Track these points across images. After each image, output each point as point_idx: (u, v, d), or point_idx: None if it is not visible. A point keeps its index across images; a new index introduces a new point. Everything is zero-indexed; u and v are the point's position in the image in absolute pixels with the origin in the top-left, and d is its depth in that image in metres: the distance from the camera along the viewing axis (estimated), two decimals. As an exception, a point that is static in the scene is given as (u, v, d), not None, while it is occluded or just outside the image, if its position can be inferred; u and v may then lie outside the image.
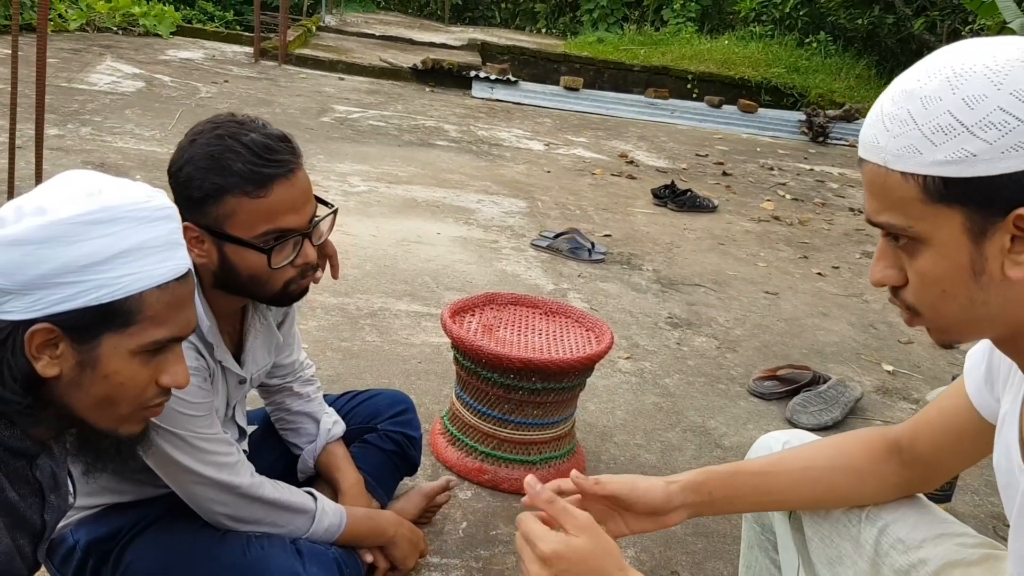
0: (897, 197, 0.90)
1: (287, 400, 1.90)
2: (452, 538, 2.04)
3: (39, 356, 1.01)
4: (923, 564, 1.25)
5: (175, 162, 1.44)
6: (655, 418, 2.76)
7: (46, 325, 1.00)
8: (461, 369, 2.29)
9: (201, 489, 1.52)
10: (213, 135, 1.41)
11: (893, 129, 0.89)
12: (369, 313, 3.21)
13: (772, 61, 10.77)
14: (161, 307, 1.06)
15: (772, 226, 5.31)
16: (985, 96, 0.84)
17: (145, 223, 1.05)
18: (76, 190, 1.03)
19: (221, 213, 1.40)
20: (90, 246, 1.00)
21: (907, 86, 0.89)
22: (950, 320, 0.95)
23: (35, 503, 1.13)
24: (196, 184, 1.39)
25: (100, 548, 1.58)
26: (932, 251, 0.91)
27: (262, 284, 1.47)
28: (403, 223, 4.30)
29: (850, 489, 1.33)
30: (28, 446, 1.07)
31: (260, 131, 1.43)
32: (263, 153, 1.40)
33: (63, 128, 5.07)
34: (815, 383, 3.02)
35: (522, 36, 13.10)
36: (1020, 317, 0.91)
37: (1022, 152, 0.82)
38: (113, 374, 1.05)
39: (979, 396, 1.17)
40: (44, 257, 0.98)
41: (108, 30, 8.70)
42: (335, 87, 7.87)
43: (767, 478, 1.33)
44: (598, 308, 3.58)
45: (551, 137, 7.10)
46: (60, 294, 1.00)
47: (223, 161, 1.38)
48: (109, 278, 1.01)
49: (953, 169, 0.85)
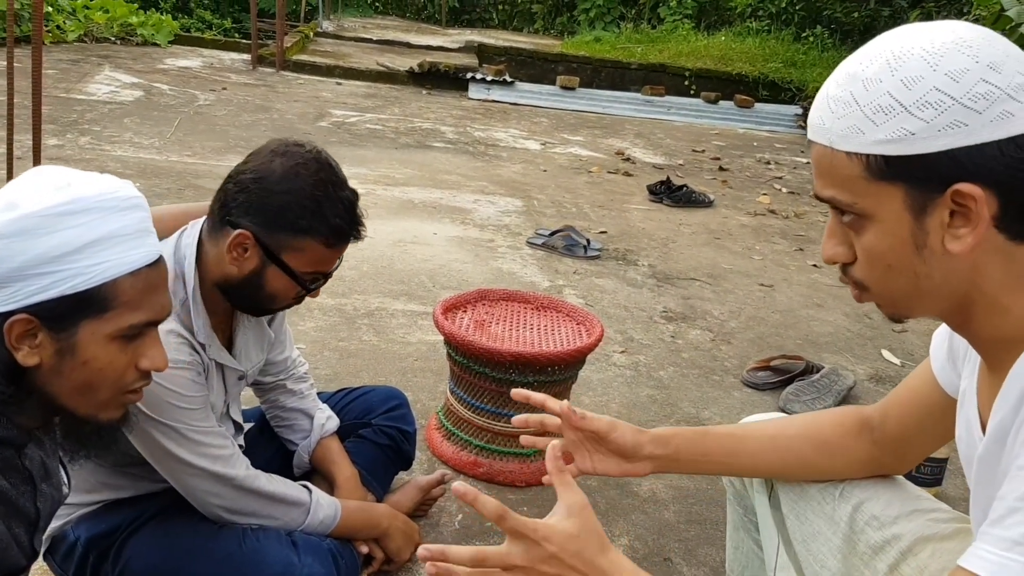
0: (843, 175, 0.94)
1: (281, 397, 1.94)
2: (447, 530, 2.08)
3: (19, 346, 1.05)
4: (897, 539, 1.28)
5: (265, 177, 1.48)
6: (649, 410, 2.79)
7: (24, 316, 1.04)
8: (454, 365, 2.33)
9: (197, 481, 1.55)
10: (317, 177, 1.49)
11: (837, 111, 0.92)
12: (366, 313, 3.25)
13: (769, 56, 10.79)
14: (135, 293, 1.10)
15: (768, 220, 5.34)
16: (922, 77, 0.87)
17: (115, 212, 1.08)
18: (46, 184, 1.07)
19: (292, 244, 1.48)
20: (62, 237, 1.04)
21: (850, 69, 0.93)
22: (897, 294, 0.98)
23: (27, 491, 1.16)
24: (290, 215, 1.46)
25: (100, 544, 1.62)
26: (876, 227, 0.94)
27: (271, 301, 1.56)
28: (400, 224, 4.34)
29: (818, 460, 1.36)
30: (14, 435, 1.11)
31: (348, 188, 1.55)
32: (354, 216, 1.54)
33: (62, 138, 5.12)
34: (808, 372, 3.05)
35: (519, 37, 13.14)
36: (961, 289, 0.94)
37: (958, 130, 0.86)
38: (92, 360, 1.09)
39: (943, 373, 1.20)
40: (18, 250, 1.02)
41: (106, 40, 8.76)
42: (332, 92, 7.92)
43: (735, 441, 1.37)
44: (593, 304, 3.61)
45: (547, 136, 7.14)
46: (36, 285, 1.03)
47: (324, 209, 1.48)
48: (83, 267, 1.05)
49: (893, 148, 0.89)
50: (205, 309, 1.55)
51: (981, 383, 1.07)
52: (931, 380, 1.23)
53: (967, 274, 0.93)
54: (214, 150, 5.34)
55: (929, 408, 1.24)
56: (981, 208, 0.88)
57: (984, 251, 0.91)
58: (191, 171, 4.77)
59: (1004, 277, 0.93)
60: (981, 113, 0.86)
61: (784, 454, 1.36)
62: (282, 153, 1.49)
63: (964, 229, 0.90)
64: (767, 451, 1.37)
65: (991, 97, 0.85)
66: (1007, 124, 0.86)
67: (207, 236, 1.53)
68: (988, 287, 0.94)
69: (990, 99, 0.85)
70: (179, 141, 5.47)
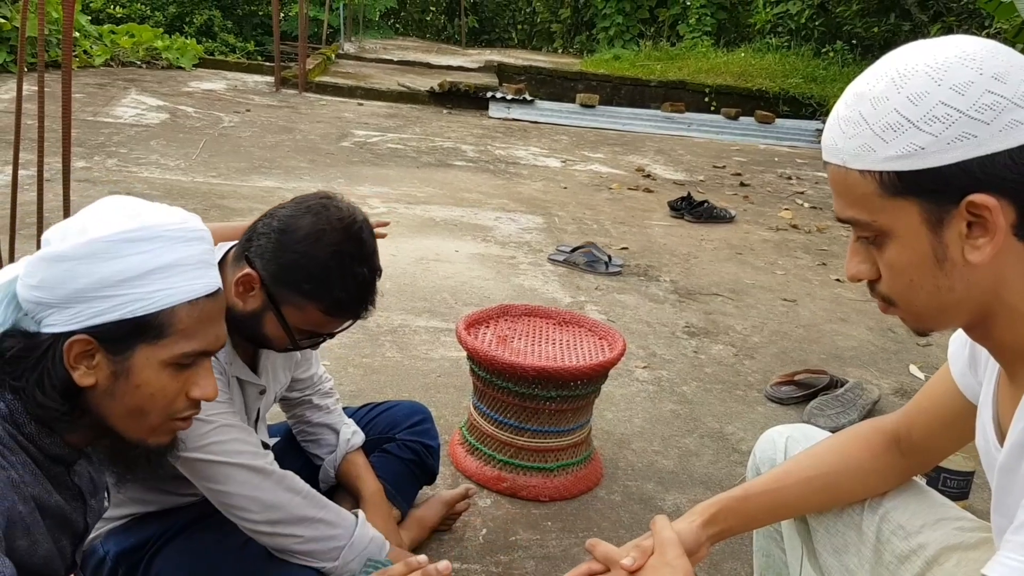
0: (858, 194, 0.95)
1: (307, 412, 1.96)
2: (472, 544, 2.09)
3: (76, 366, 1.08)
4: (922, 549, 1.28)
5: (288, 230, 1.48)
6: (672, 425, 2.79)
7: (84, 336, 1.07)
8: (477, 380, 2.34)
9: (235, 485, 1.51)
10: (335, 248, 1.48)
11: (848, 131, 0.94)
12: (389, 330, 3.27)
13: (789, 72, 10.80)
14: (192, 322, 1.12)
15: (790, 234, 5.32)
16: (927, 93, 0.88)
17: (180, 242, 1.11)
18: (116, 212, 1.10)
19: (292, 302, 1.50)
20: (126, 262, 1.07)
21: (858, 89, 0.94)
22: (921, 308, 0.99)
23: (78, 507, 1.19)
24: (297, 275, 1.47)
25: (129, 559, 1.63)
26: (896, 243, 0.95)
27: (268, 344, 1.58)
28: (422, 242, 4.37)
29: (855, 488, 1.37)
30: (66, 453, 1.14)
31: (370, 264, 1.53)
32: (363, 295, 1.53)
33: (90, 160, 5.20)
34: (832, 387, 3.04)
35: (539, 56, 13.22)
36: (984, 300, 0.95)
37: (967, 142, 0.87)
38: (145, 384, 1.11)
39: (964, 379, 1.20)
40: (83, 272, 1.05)
41: (132, 64, 8.91)
42: (354, 112, 8.00)
43: (777, 495, 1.37)
44: (615, 319, 3.62)
45: (568, 154, 7.17)
46: (97, 307, 1.06)
47: (331, 284, 1.48)
48: (143, 293, 1.08)
49: (905, 163, 0.90)
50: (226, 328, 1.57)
51: (1001, 392, 1.07)
52: (952, 387, 1.23)
53: (989, 284, 0.94)
54: (238, 171, 5.40)
55: (952, 415, 1.25)
56: (997, 217, 0.89)
57: (1005, 260, 0.92)
58: (216, 192, 4.83)
59: None
60: (989, 124, 0.86)
61: (823, 493, 1.37)
62: (316, 212, 1.50)
63: (983, 239, 0.91)
64: (807, 495, 1.37)
65: (998, 107, 0.86)
66: (1016, 133, 0.87)
67: (231, 260, 1.56)
68: (1010, 297, 0.94)
69: (997, 109, 0.86)
70: (204, 162, 5.54)
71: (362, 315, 1.55)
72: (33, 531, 1.07)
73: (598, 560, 1.25)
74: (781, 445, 1.48)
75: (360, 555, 1.58)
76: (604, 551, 1.25)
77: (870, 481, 1.36)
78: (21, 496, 1.04)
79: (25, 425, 1.08)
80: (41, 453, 1.11)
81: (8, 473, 1.03)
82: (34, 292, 1.07)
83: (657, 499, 2.35)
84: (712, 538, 1.34)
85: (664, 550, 1.22)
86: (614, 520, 2.23)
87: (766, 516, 1.40)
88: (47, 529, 1.12)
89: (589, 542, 1.28)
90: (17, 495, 1.03)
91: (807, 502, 1.38)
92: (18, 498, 1.03)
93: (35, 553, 1.07)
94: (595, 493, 2.36)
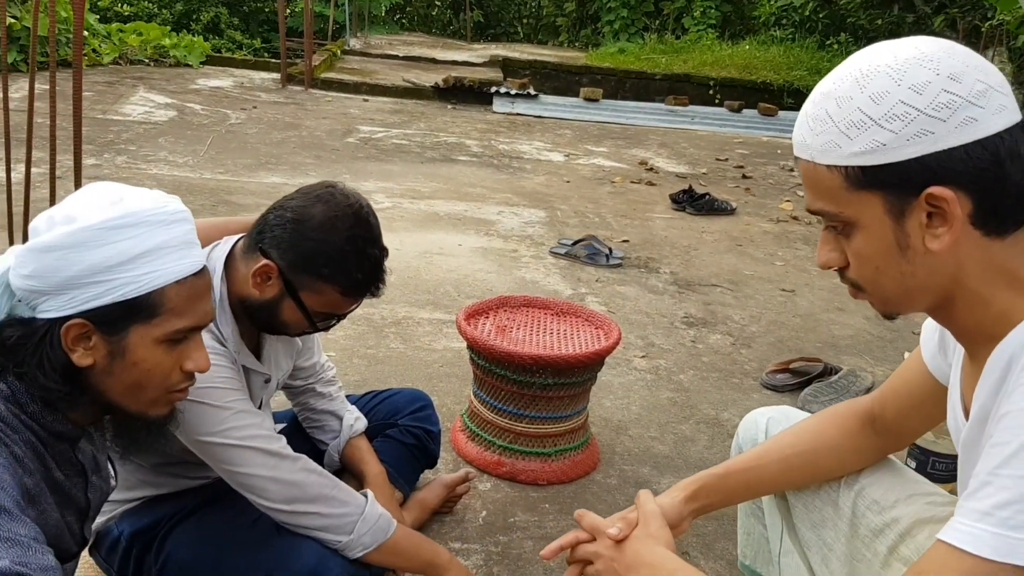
0: (826, 187, 1.02)
1: (311, 400, 2.04)
2: (472, 526, 2.16)
3: (74, 348, 1.15)
4: (896, 523, 1.35)
5: (302, 220, 1.56)
6: (669, 412, 2.85)
7: (79, 320, 1.14)
8: (477, 368, 2.42)
9: (251, 467, 1.57)
10: (351, 232, 1.56)
11: (815, 128, 1.01)
12: (393, 322, 3.34)
13: (794, 64, 10.83)
14: (181, 300, 1.19)
15: (790, 226, 5.38)
16: (888, 92, 0.95)
17: (163, 226, 1.18)
18: (100, 199, 1.17)
19: (311, 287, 1.57)
20: (114, 248, 1.13)
21: (824, 89, 1.01)
22: (887, 293, 1.06)
23: (79, 483, 1.27)
24: (316, 261, 1.55)
25: (142, 538, 1.71)
26: (862, 233, 1.02)
27: (284, 329, 1.66)
28: (426, 236, 4.44)
29: (832, 465, 1.44)
30: (69, 430, 1.21)
31: (380, 245, 1.61)
32: (377, 274, 1.61)
33: (100, 158, 5.29)
34: (827, 374, 3.10)
35: (544, 50, 13.26)
36: (945, 285, 1.01)
37: (925, 138, 0.94)
38: (141, 361, 1.18)
39: (934, 362, 1.27)
40: (74, 260, 1.12)
41: (140, 62, 8.99)
42: (360, 108, 8.07)
43: (756, 472, 1.44)
44: (615, 311, 3.69)
45: (571, 148, 7.23)
46: (90, 292, 1.13)
47: (348, 265, 1.56)
48: (133, 276, 1.14)
49: (868, 159, 0.97)
50: (233, 318, 1.64)
51: (965, 372, 1.14)
52: (923, 370, 1.29)
53: (949, 270, 1.00)
54: (246, 167, 5.48)
55: (923, 396, 1.31)
56: (954, 208, 0.95)
57: (963, 248, 0.98)
58: (224, 188, 4.90)
59: (983, 272, 1.00)
60: (945, 121, 0.93)
61: (801, 472, 1.44)
62: (325, 201, 1.57)
63: (942, 229, 0.97)
64: (784, 473, 1.44)
65: (953, 106, 0.93)
66: (971, 129, 0.93)
67: (240, 253, 1.63)
68: (969, 282, 1.01)
69: (952, 107, 0.93)
70: (212, 159, 5.62)
71: (375, 293, 1.63)
72: (41, 501, 1.14)
73: (585, 530, 1.32)
74: (763, 426, 1.55)
75: (371, 529, 1.65)
76: (591, 521, 1.32)
77: (846, 459, 1.42)
78: (26, 470, 1.12)
79: (28, 405, 1.15)
80: (45, 431, 1.17)
81: (11, 449, 1.10)
82: (27, 281, 1.13)
83: (652, 483, 2.41)
84: (694, 513, 1.41)
85: (648, 522, 1.29)
86: (610, 503, 2.30)
87: (746, 492, 1.47)
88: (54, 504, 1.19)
89: (577, 512, 1.35)
90: (22, 469, 1.11)
91: (785, 479, 1.45)
92: (23, 471, 1.11)
93: (46, 523, 1.14)
94: (592, 477, 2.43)
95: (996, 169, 0.94)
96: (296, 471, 1.61)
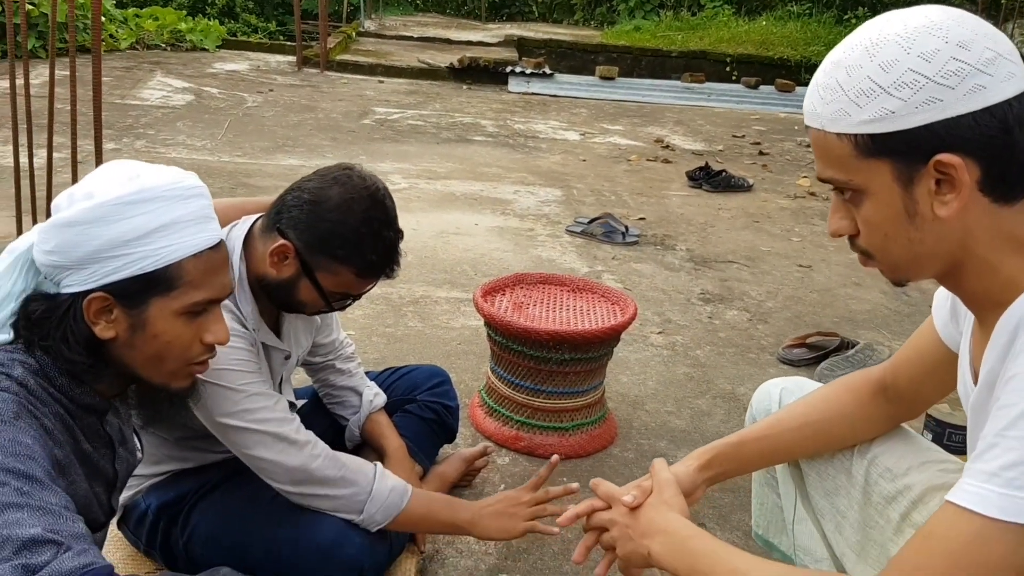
0: (836, 156, 1.03)
1: (331, 376, 2.07)
2: (490, 500, 2.19)
3: (96, 321, 1.18)
4: (908, 490, 1.37)
5: (319, 202, 1.58)
6: (685, 387, 2.87)
7: (101, 294, 1.17)
8: (494, 345, 2.44)
9: (262, 449, 1.60)
10: (367, 214, 1.58)
11: (826, 97, 1.02)
12: (411, 301, 3.37)
13: (811, 39, 10.74)
14: (198, 273, 1.22)
15: (808, 202, 5.36)
16: (897, 60, 0.96)
17: (179, 200, 1.21)
18: (118, 175, 1.20)
19: (327, 267, 1.60)
20: (132, 223, 1.16)
21: (835, 57, 1.02)
22: (896, 260, 1.07)
23: (107, 455, 1.30)
24: (332, 243, 1.58)
25: (168, 511, 1.75)
26: (871, 200, 1.03)
27: (301, 308, 1.68)
28: (442, 216, 4.47)
29: (844, 434, 1.45)
30: (97, 402, 1.25)
31: (395, 227, 1.64)
32: (392, 256, 1.64)
33: (119, 142, 5.34)
34: (843, 349, 3.11)
35: (559, 29, 13.20)
36: (953, 252, 1.03)
37: (933, 106, 0.94)
38: (161, 334, 1.22)
39: (946, 330, 1.28)
40: (94, 235, 1.15)
41: (157, 47, 9.04)
42: (375, 90, 8.09)
43: (770, 441, 1.47)
44: (632, 288, 3.70)
45: (587, 127, 7.22)
46: (110, 266, 1.16)
47: (363, 247, 1.59)
48: (151, 250, 1.18)
49: (877, 126, 0.98)
50: (253, 297, 1.67)
51: (974, 338, 1.15)
52: (935, 337, 1.31)
53: (958, 237, 1.01)
54: (263, 150, 5.52)
55: (935, 364, 1.32)
56: (962, 175, 0.96)
57: (971, 214, 0.99)
58: (242, 170, 4.94)
59: (991, 238, 1.01)
60: (954, 88, 0.94)
61: (815, 439, 1.46)
62: (342, 183, 1.60)
63: (950, 195, 0.98)
64: (799, 441, 1.46)
65: (962, 73, 0.94)
66: (979, 96, 0.94)
67: (259, 233, 1.65)
68: (977, 248, 1.02)
69: (961, 75, 0.94)
70: (229, 142, 5.66)
71: (390, 275, 1.65)
72: (70, 473, 1.18)
73: (600, 498, 1.35)
74: (776, 396, 1.57)
75: (382, 506, 1.67)
76: (606, 489, 1.34)
77: (859, 427, 1.44)
78: (55, 442, 1.15)
79: (56, 379, 1.19)
80: (73, 403, 1.21)
81: (42, 422, 1.14)
82: (50, 256, 1.17)
83: (669, 456, 2.43)
84: (708, 481, 1.43)
85: (662, 489, 1.31)
86: (627, 476, 2.33)
87: (759, 461, 1.49)
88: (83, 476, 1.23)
89: (593, 481, 1.37)
90: (52, 441, 1.14)
91: (799, 447, 1.47)
92: (52, 443, 1.14)
93: (75, 494, 1.18)
94: (609, 451, 2.45)
95: (1004, 136, 0.95)
96: (304, 455, 1.63)
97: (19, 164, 3.22)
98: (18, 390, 1.13)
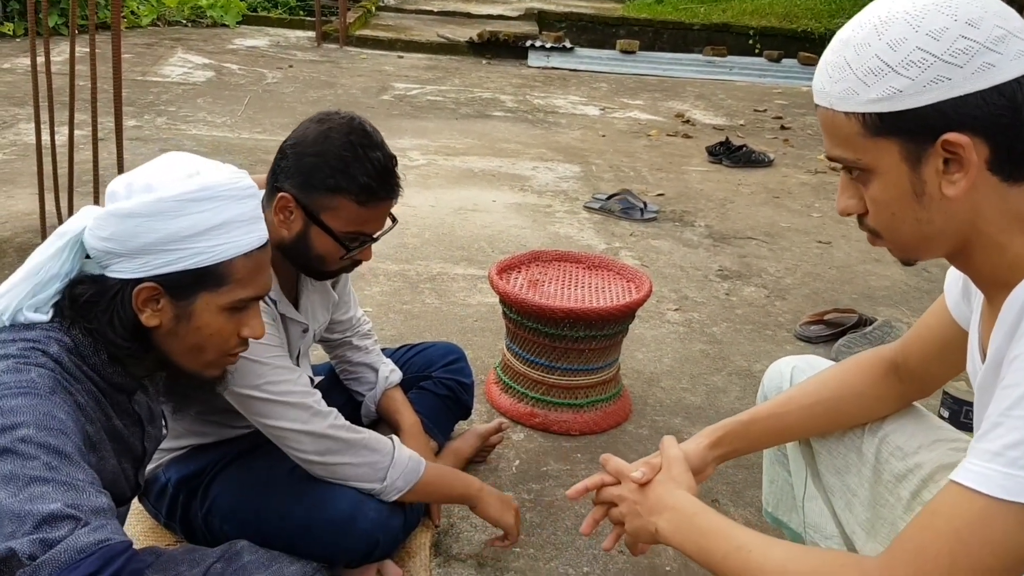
0: (844, 134, 1.02)
1: (348, 353, 2.09)
2: (506, 474, 2.22)
3: (143, 309, 1.22)
4: (919, 468, 1.37)
5: (300, 142, 1.62)
6: (701, 364, 2.88)
7: (151, 284, 1.21)
8: (509, 322, 2.46)
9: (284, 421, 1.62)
10: (346, 140, 1.60)
11: (834, 75, 1.01)
12: (428, 278, 3.39)
13: (835, 11, 10.58)
14: (246, 271, 1.26)
15: (829, 177, 5.31)
16: (905, 39, 0.95)
17: (236, 200, 1.24)
18: (178, 170, 1.23)
19: (327, 204, 1.60)
20: (191, 220, 1.20)
21: (844, 36, 1.02)
22: (904, 239, 1.07)
23: (136, 432, 1.34)
24: (320, 174, 1.59)
25: (188, 485, 1.78)
26: (879, 179, 1.03)
27: (322, 263, 1.68)
28: (460, 192, 4.47)
29: (856, 413, 1.45)
30: (128, 382, 1.29)
31: (382, 150, 1.64)
32: (385, 176, 1.63)
33: (140, 119, 5.37)
34: (861, 325, 3.09)
35: (580, 2, 13.07)
36: (962, 231, 1.02)
37: (941, 84, 0.94)
38: (204, 326, 1.26)
39: (958, 309, 1.28)
40: (152, 228, 1.18)
41: (178, 23, 9.06)
42: (394, 65, 8.07)
43: (780, 419, 1.47)
44: (649, 264, 3.70)
45: (607, 101, 7.17)
46: (164, 259, 1.20)
47: (352, 169, 1.59)
48: (206, 247, 1.21)
49: (885, 105, 0.97)
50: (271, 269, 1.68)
51: (983, 317, 1.15)
52: (947, 316, 1.30)
53: (966, 216, 1.01)
54: (283, 126, 5.53)
55: (946, 342, 1.32)
56: (970, 154, 0.96)
57: (979, 193, 0.99)
58: (262, 147, 4.96)
59: (1000, 217, 1.01)
60: (962, 67, 0.93)
61: (825, 419, 1.46)
62: (318, 120, 1.63)
63: (958, 175, 0.98)
64: (810, 420, 1.46)
65: (971, 51, 0.93)
66: (988, 75, 0.93)
67: (265, 204, 1.67)
68: (986, 227, 1.02)
69: (970, 53, 0.93)
70: (249, 119, 5.68)
71: (391, 197, 1.65)
72: (101, 448, 1.22)
73: (610, 473, 1.36)
74: (788, 374, 1.57)
75: (403, 472, 1.70)
76: (616, 465, 1.36)
77: (870, 405, 1.44)
78: (88, 418, 1.19)
79: (90, 357, 1.22)
80: (105, 382, 1.25)
81: (75, 398, 1.17)
82: (105, 243, 1.20)
83: (684, 433, 2.45)
84: (718, 459, 1.44)
85: (671, 466, 1.32)
86: (641, 452, 2.34)
87: (770, 439, 1.49)
88: (112, 452, 1.27)
89: (603, 456, 1.39)
90: (84, 417, 1.18)
91: (809, 426, 1.47)
92: (85, 419, 1.18)
93: (104, 469, 1.22)
94: (624, 428, 2.47)
95: (1013, 115, 0.94)
96: (327, 425, 1.66)
97: (41, 141, 3.25)
98: (54, 366, 1.16)
